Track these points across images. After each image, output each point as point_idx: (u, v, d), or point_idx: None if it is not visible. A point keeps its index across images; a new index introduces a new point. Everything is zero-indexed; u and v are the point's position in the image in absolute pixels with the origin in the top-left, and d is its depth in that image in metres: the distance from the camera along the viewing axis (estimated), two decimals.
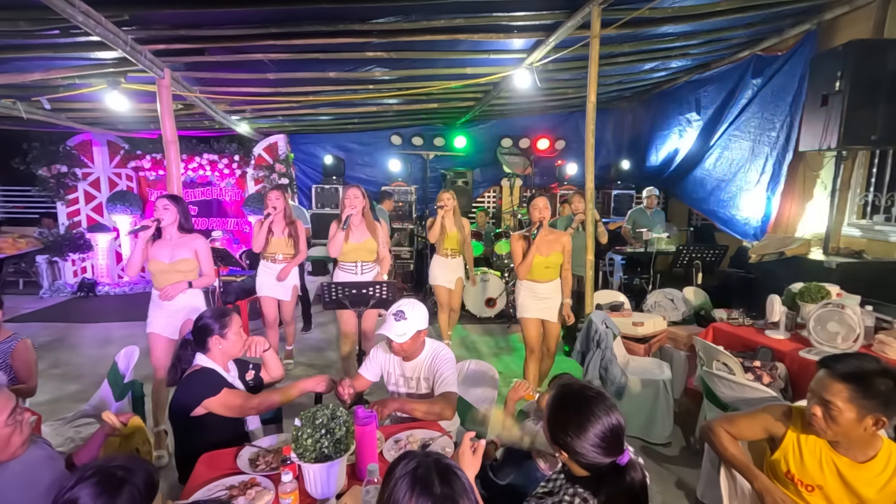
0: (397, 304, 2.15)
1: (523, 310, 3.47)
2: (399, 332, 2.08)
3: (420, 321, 2.12)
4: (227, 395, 1.92)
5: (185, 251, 3.02)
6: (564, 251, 3.43)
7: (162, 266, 2.97)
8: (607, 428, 1.26)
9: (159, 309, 3.02)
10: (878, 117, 3.55)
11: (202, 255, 3.10)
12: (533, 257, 3.33)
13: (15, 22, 3.27)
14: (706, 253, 4.82)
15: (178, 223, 3.04)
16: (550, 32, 3.98)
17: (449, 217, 4.38)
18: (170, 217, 2.99)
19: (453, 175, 7.75)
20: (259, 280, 4.14)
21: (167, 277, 2.98)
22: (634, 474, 1.26)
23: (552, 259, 3.39)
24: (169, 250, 3.00)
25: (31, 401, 2.53)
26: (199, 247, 3.09)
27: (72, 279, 7.36)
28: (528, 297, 3.45)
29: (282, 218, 4.04)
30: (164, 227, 3.01)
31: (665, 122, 6.81)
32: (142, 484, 1.17)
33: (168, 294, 2.94)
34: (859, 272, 3.69)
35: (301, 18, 3.57)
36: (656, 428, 3.16)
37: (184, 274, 3.02)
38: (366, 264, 3.63)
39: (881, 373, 1.45)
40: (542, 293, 3.42)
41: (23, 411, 1.46)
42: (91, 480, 1.12)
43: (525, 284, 3.45)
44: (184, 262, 3.01)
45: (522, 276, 3.42)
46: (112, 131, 7.26)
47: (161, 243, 3.02)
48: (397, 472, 1.02)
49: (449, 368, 2.17)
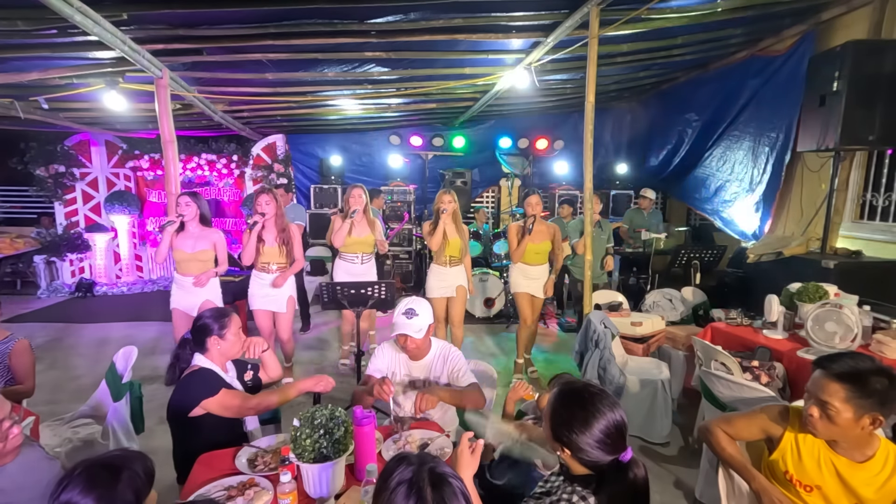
0: (402, 304, 2.17)
1: (516, 286, 4.17)
2: (416, 328, 2.12)
3: (429, 314, 2.19)
4: (225, 395, 1.92)
5: (204, 243, 3.54)
6: (553, 240, 4.11)
7: (185, 255, 3.50)
8: (611, 424, 1.27)
9: (182, 290, 3.59)
10: (875, 118, 3.56)
11: (219, 247, 3.61)
12: (526, 245, 4.01)
13: (13, 21, 3.26)
14: (704, 253, 4.83)
15: (198, 217, 3.54)
16: (549, 32, 3.98)
17: (450, 222, 3.93)
18: (191, 212, 3.48)
19: (452, 175, 7.75)
20: (250, 292, 3.79)
21: (188, 265, 3.53)
22: (637, 471, 1.27)
23: (542, 247, 4.07)
24: (192, 241, 3.51)
25: (28, 401, 2.52)
26: (216, 239, 3.60)
27: (69, 279, 7.35)
28: (520, 276, 4.13)
29: (273, 224, 3.70)
30: (187, 222, 3.49)
31: (664, 122, 6.82)
32: (140, 470, 1.19)
33: (201, 282, 3.51)
34: (857, 272, 3.70)
35: (299, 18, 3.56)
36: (655, 427, 3.16)
37: (202, 262, 3.55)
38: (365, 255, 4.14)
39: (876, 371, 1.46)
40: (532, 274, 4.10)
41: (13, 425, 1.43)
42: (90, 470, 1.13)
43: (518, 266, 4.13)
44: (203, 252, 3.54)
45: (516, 259, 4.11)
46: (110, 131, 7.25)
47: (184, 235, 3.52)
48: (393, 479, 1.02)
49: (463, 363, 2.25)
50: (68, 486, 1.11)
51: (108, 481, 1.13)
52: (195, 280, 3.52)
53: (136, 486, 1.17)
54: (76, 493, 1.10)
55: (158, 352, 4.78)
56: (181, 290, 3.60)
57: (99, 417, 2.55)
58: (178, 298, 3.61)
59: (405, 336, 2.13)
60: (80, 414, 2.62)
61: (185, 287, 3.57)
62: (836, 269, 3.66)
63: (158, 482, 1.26)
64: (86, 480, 1.12)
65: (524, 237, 3.98)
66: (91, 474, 1.13)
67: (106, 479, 1.13)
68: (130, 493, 1.15)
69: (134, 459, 1.21)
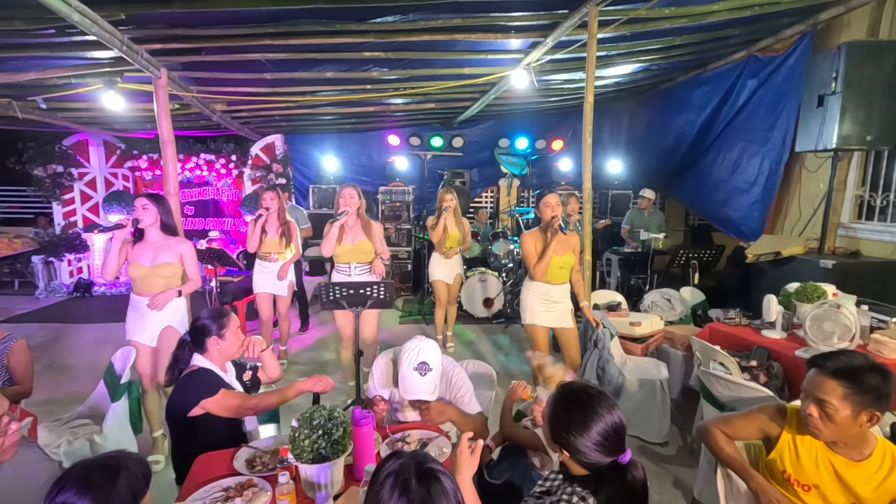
0: (410, 353, 1.95)
1: (532, 316, 3.23)
2: (430, 388, 1.93)
3: (439, 359, 1.99)
4: (224, 395, 1.91)
5: (168, 255, 2.85)
6: (575, 251, 3.26)
7: (142, 270, 2.79)
8: (609, 426, 1.27)
9: (139, 315, 2.84)
10: (873, 118, 3.57)
11: (187, 260, 2.93)
12: (550, 257, 3.13)
13: (10, 21, 3.25)
14: (703, 253, 4.84)
15: (159, 224, 2.86)
16: (548, 33, 3.99)
17: (451, 217, 4.56)
18: (150, 217, 2.81)
19: (451, 175, 7.75)
20: (255, 278, 4.23)
21: (147, 282, 2.81)
22: (636, 473, 1.27)
23: (566, 259, 3.21)
24: (151, 253, 2.82)
25: (26, 402, 2.52)
26: (184, 251, 2.91)
27: (68, 279, 7.33)
28: (538, 300, 3.22)
29: (275, 218, 4.12)
30: (146, 229, 2.83)
31: (662, 122, 6.82)
32: (137, 471, 1.19)
33: (157, 304, 2.77)
34: (855, 272, 3.71)
35: (298, 18, 3.56)
36: (653, 427, 3.16)
37: (165, 279, 2.84)
38: (359, 266, 3.52)
39: (870, 368, 1.47)
40: (555, 296, 3.22)
41: (11, 421, 1.43)
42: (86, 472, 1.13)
43: (536, 287, 3.23)
44: (166, 266, 2.83)
45: (539, 276, 3.18)
46: (108, 131, 7.24)
47: (142, 246, 2.83)
48: (382, 472, 1.03)
49: (469, 387, 2.10)
50: (64, 486, 1.11)
51: (105, 482, 1.13)
52: (150, 301, 2.77)
53: (133, 487, 1.17)
54: (72, 494, 1.10)
55: None
56: (138, 316, 2.84)
57: (97, 418, 2.54)
58: (134, 327, 2.85)
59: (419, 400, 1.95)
60: (79, 414, 2.62)
61: (142, 310, 2.81)
62: (834, 268, 3.67)
63: (157, 482, 1.26)
64: (82, 481, 1.11)
65: (547, 247, 3.13)
66: (87, 475, 1.13)
67: (102, 480, 1.13)
68: (127, 494, 1.15)
69: (131, 460, 1.21)
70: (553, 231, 3.11)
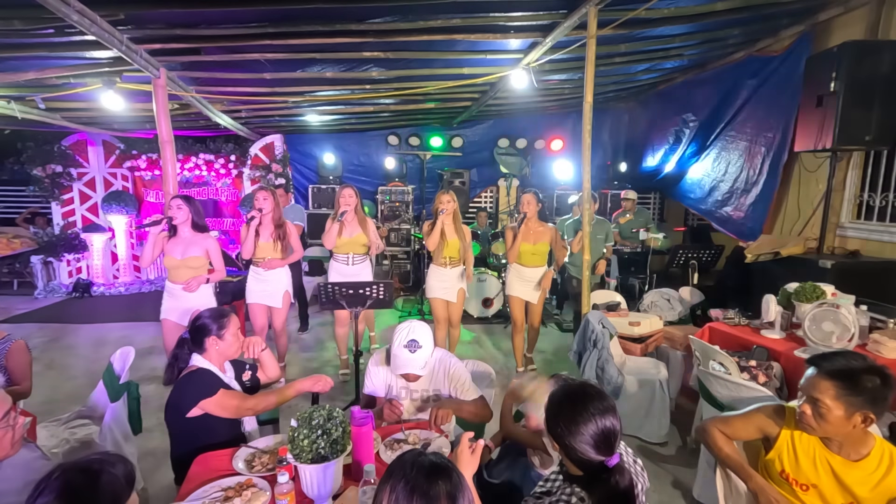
0: (402, 333, 2.04)
1: (510, 288, 4.15)
2: (420, 363, 2.02)
3: (430, 341, 2.08)
4: (223, 395, 1.91)
5: (196, 249, 3.35)
6: (552, 241, 4.07)
7: (174, 262, 3.31)
8: (599, 429, 1.28)
9: (173, 298, 3.39)
10: (872, 118, 3.58)
11: (213, 253, 3.43)
12: (520, 244, 3.96)
13: (9, 21, 3.24)
14: (702, 253, 4.84)
15: (190, 222, 3.34)
16: (547, 33, 3.99)
17: (449, 222, 3.89)
18: (182, 216, 3.29)
19: (450, 175, 7.75)
20: (248, 286, 3.93)
21: (178, 273, 3.33)
22: (620, 479, 1.27)
23: (539, 248, 4.03)
24: (182, 247, 3.32)
25: (25, 402, 2.52)
26: (209, 245, 3.42)
27: (67, 280, 7.32)
28: (515, 277, 4.10)
29: (269, 220, 3.79)
30: (178, 226, 3.31)
31: (662, 122, 6.83)
32: (120, 473, 1.16)
33: (191, 287, 3.31)
34: (854, 272, 3.71)
35: (297, 18, 3.56)
36: (653, 427, 3.17)
37: (194, 270, 3.34)
38: (356, 256, 4.01)
39: (868, 370, 1.47)
40: (527, 276, 4.05)
41: (17, 415, 1.44)
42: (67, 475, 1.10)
43: (514, 267, 4.09)
44: (194, 259, 3.34)
45: (511, 259, 4.08)
46: (107, 131, 7.22)
47: (175, 240, 3.34)
48: (394, 472, 1.03)
49: (467, 376, 2.16)
50: (44, 490, 1.07)
51: (85, 486, 1.10)
52: (185, 285, 3.33)
53: (114, 491, 1.13)
54: (52, 498, 1.06)
55: (156, 352, 4.76)
56: (171, 299, 3.41)
57: (96, 418, 2.54)
58: (167, 308, 3.41)
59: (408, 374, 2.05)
60: (78, 415, 2.61)
61: (175, 294, 3.39)
62: (833, 268, 3.67)
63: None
64: (62, 485, 1.08)
65: (517, 237, 3.94)
66: (68, 479, 1.10)
67: (83, 484, 1.10)
68: (108, 497, 1.12)
69: (114, 463, 1.17)
70: (522, 224, 3.93)
